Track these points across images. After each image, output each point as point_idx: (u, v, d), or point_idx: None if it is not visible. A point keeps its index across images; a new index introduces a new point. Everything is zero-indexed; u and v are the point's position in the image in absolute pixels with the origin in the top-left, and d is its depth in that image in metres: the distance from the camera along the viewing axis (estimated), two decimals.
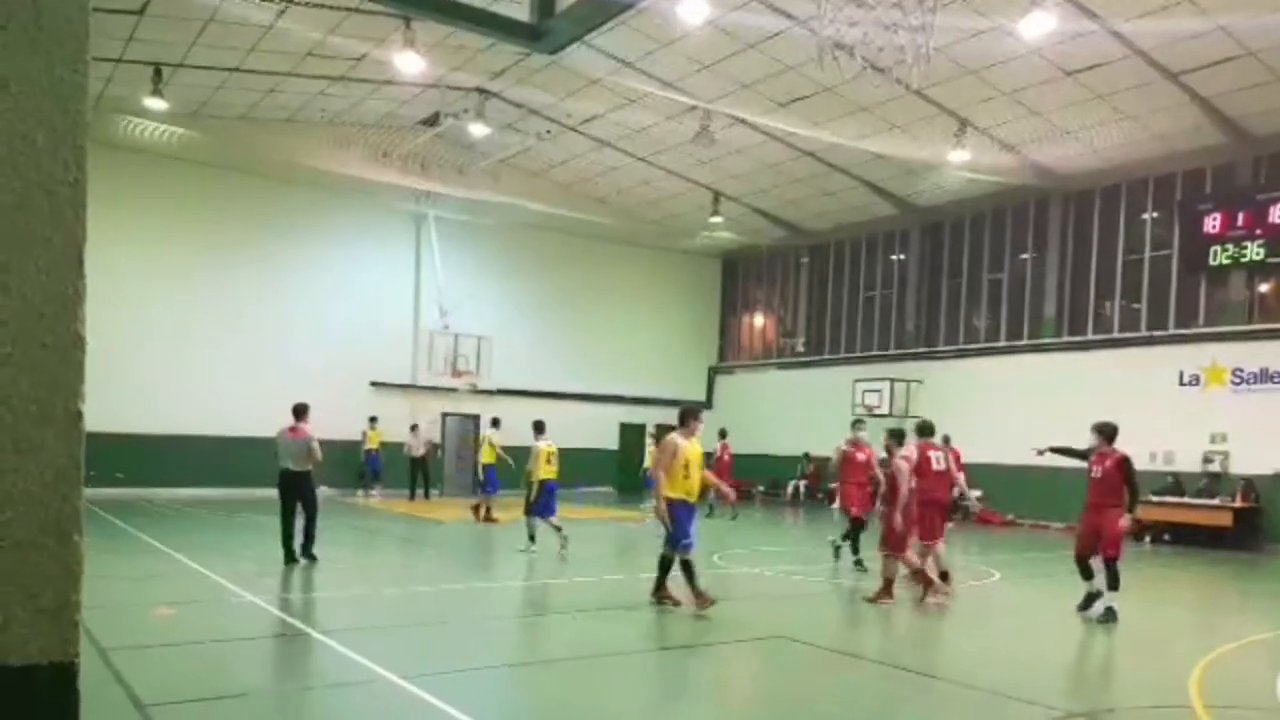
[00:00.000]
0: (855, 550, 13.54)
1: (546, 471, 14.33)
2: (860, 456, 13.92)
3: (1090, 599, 10.35)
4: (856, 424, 14.78)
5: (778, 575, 13.15)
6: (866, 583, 11.90)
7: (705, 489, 11.08)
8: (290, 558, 12.20)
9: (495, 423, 20.17)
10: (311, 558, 12.32)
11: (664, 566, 9.98)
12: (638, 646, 8.55)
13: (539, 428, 14.75)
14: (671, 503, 9.69)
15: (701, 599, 9.59)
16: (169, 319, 22.66)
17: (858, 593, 11.45)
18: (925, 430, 12.21)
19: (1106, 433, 10.64)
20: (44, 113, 1.50)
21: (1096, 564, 10.24)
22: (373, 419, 24.80)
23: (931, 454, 11.76)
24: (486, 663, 7.81)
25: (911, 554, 10.97)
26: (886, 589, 10.77)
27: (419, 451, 24.76)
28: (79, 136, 1.53)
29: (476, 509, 19.11)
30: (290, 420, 12.44)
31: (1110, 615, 10.02)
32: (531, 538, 14.35)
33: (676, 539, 9.72)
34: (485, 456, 19.45)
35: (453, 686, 6.79)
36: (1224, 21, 15.35)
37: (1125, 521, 10.13)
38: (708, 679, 7.72)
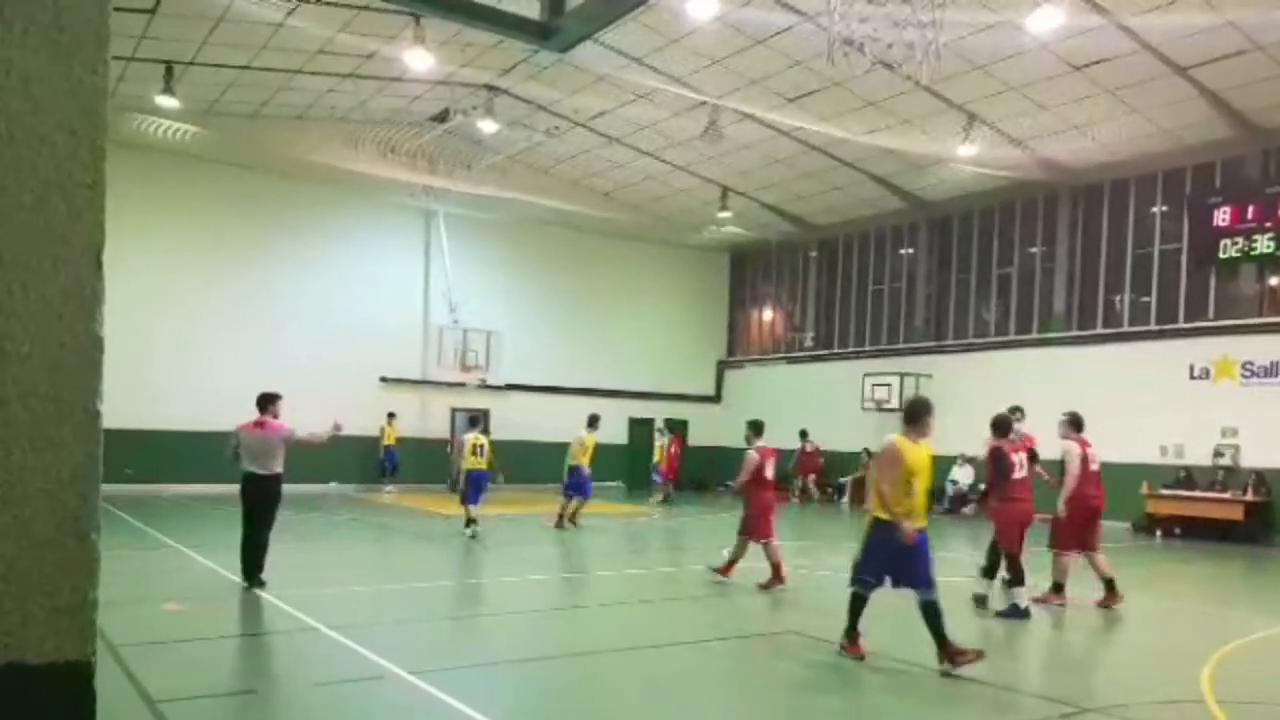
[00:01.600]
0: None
1: (471, 462, 15.48)
2: (1014, 456, 10.78)
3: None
4: (1013, 412, 11.36)
5: (790, 570, 13.14)
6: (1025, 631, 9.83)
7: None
8: (250, 582, 9.97)
9: (593, 421, 17.74)
10: (260, 584, 9.90)
11: (854, 607, 7.93)
12: (646, 641, 8.57)
13: (473, 421, 16.17)
14: (876, 524, 7.66)
15: (958, 655, 7.32)
16: (179, 315, 22.76)
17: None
18: (1079, 424, 10.70)
19: (992, 424, 10.46)
20: (64, 114, 1.52)
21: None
22: (390, 414, 24.93)
23: (1089, 451, 10.61)
24: (495, 658, 7.84)
25: (775, 545, 11.18)
26: (776, 574, 11.08)
27: None
28: (98, 138, 1.54)
29: (572, 514, 17.23)
30: (255, 413, 10.37)
31: (1006, 611, 9.72)
32: (472, 522, 15.45)
33: (857, 570, 7.83)
34: (576, 457, 17.33)
35: (462, 682, 6.83)
36: (1232, 16, 15.28)
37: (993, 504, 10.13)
38: (716, 675, 7.73)
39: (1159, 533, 19.41)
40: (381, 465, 24.96)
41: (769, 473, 11.28)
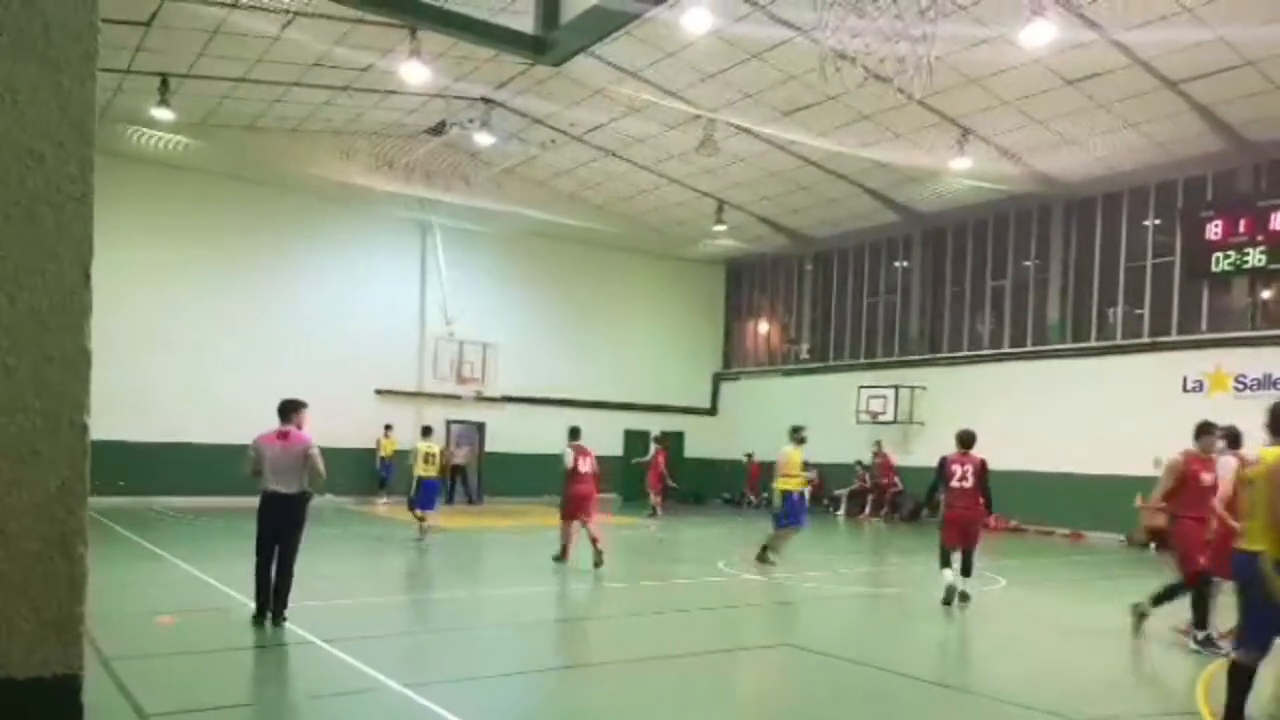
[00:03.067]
0: (1202, 623, 8.99)
1: (424, 470, 16.27)
2: (1207, 477, 9.67)
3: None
4: (1206, 430, 10.07)
5: (784, 582, 13.13)
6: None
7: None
8: (262, 615, 8.80)
9: (797, 435, 15.07)
10: (282, 620, 8.77)
11: (1241, 683, 5.94)
12: (640, 655, 8.54)
13: (426, 431, 17.30)
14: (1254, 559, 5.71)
15: None
16: (174, 327, 22.70)
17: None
18: (1236, 439, 9.63)
19: (956, 437, 12.00)
20: (51, 126, 1.52)
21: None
22: (388, 426, 24.89)
23: (1204, 474, 9.47)
24: (490, 670, 7.81)
25: (573, 527, 13.60)
26: (563, 552, 13.61)
27: (460, 460, 25.67)
28: (86, 150, 1.54)
29: (777, 545, 14.58)
30: (275, 422, 9.08)
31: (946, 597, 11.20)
32: (424, 526, 16.21)
33: (1247, 631, 5.93)
34: (787, 482, 14.66)
35: (456, 695, 6.80)
36: (1222, 31, 15.38)
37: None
38: (712, 688, 7.71)
39: (1153, 545, 19.37)
40: (379, 477, 24.93)
41: (583, 468, 13.57)
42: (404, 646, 8.73)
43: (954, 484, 11.48)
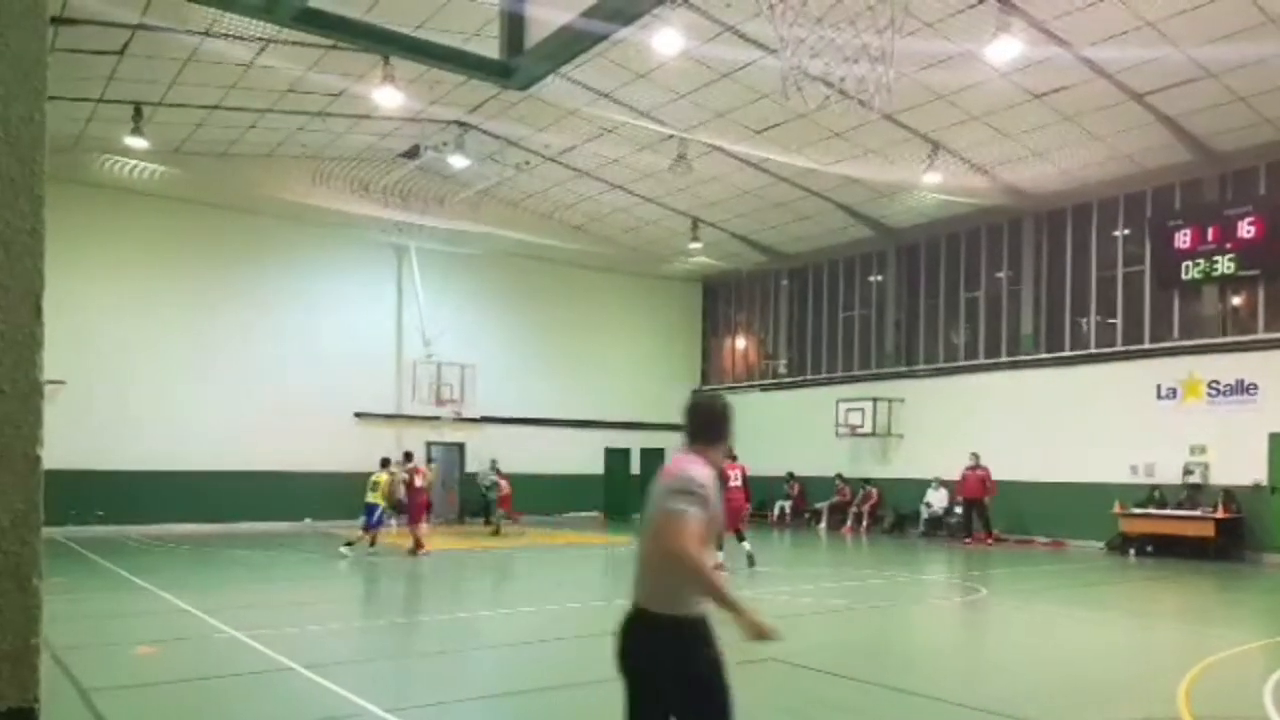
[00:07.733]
0: None
1: (368, 495, 18.27)
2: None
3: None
4: None
5: (769, 596, 13.13)
6: None
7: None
8: None
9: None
10: None
11: None
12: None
13: (384, 462, 18.90)
14: None
15: None
16: (151, 355, 22.55)
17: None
18: None
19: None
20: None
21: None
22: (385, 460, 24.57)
23: None
24: (470, 693, 7.77)
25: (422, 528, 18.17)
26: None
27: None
28: (37, 186, 1.54)
29: None
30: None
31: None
32: (349, 543, 17.84)
33: None
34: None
35: (438, 719, 6.76)
36: (1185, 45, 15.65)
37: None
38: None
39: (1132, 551, 19.54)
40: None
41: (418, 482, 18.75)
42: (387, 671, 8.66)
43: (731, 485, 15.21)
